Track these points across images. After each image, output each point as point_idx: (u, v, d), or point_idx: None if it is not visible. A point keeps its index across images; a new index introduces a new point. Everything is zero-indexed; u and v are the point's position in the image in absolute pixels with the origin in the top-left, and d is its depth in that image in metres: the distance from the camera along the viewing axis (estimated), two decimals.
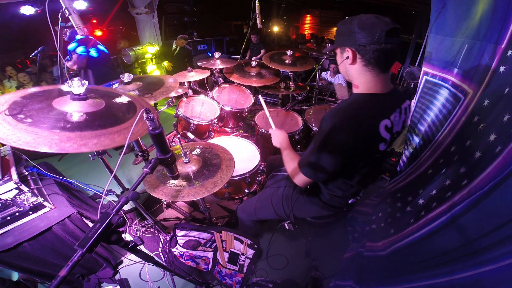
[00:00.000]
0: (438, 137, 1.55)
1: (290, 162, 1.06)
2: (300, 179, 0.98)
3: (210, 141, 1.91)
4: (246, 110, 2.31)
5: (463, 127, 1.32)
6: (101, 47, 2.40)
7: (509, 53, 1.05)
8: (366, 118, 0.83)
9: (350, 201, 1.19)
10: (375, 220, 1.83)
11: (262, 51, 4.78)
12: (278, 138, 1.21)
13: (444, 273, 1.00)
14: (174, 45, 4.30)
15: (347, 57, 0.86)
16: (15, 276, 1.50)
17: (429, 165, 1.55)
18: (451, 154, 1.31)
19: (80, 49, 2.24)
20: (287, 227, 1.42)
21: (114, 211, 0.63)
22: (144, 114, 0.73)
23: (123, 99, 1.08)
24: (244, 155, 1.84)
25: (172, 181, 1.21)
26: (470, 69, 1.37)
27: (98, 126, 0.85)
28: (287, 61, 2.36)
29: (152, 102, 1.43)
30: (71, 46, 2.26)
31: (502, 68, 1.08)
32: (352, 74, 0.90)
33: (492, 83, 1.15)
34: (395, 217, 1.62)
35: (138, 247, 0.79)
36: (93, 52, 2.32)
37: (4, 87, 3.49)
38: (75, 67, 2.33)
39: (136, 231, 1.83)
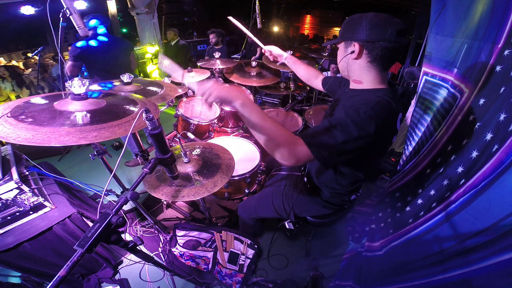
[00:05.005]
0: (435, 136, 1.55)
1: (275, 127, 0.77)
2: (300, 154, 0.74)
3: (210, 141, 1.91)
4: None
5: (459, 126, 1.32)
6: (102, 38, 2.36)
7: (506, 52, 1.05)
8: (391, 110, 0.81)
9: (352, 198, 1.20)
10: (375, 220, 1.83)
11: (259, 49, 4.77)
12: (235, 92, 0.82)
13: (437, 272, 1.01)
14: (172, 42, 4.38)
15: (352, 52, 0.84)
16: (16, 279, 1.50)
17: (426, 165, 1.55)
18: (448, 153, 1.31)
19: (80, 43, 2.21)
20: (287, 226, 1.42)
21: (113, 211, 0.63)
22: (144, 114, 0.73)
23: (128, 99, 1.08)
24: (244, 155, 1.84)
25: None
26: (468, 68, 1.37)
27: (98, 121, 0.85)
28: None
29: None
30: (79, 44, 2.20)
31: (498, 68, 1.08)
32: (354, 69, 0.89)
33: (489, 82, 1.15)
34: (394, 217, 1.62)
35: (138, 247, 0.79)
36: (92, 42, 2.29)
37: (0, 89, 3.50)
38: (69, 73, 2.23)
39: (136, 231, 1.83)
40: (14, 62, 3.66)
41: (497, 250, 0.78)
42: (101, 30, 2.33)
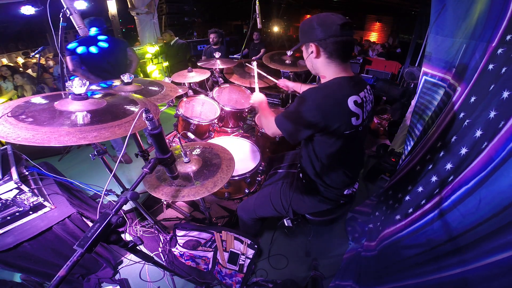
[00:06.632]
0: (428, 134, 1.56)
1: (268, 115, 1.18)
2: (272, 127, 1.05)
3: (210, 141, 1.91)
4: (246, 110, 2.31)
5: (449, 123, 1.32)
6: (102, 44, 2.37)
7: (499, 51, 1.05)
8: (334, 94, 0.92)
9: (345, 192, 1.21)
10: (372, 220, 1.83)
11: (262, 50, 4.77)
12: (260, 98, 1.31)
13: (431, 271, 1.01)
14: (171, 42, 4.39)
15: (312, 52, 0.96)
16: (17, 277, 1.50)
17: (416, 162, 1.56)
18: (437, 150, 1.31)
19: (80, 49, 2.23)
20: (286, 224, 1.42)
21: (113, 211, 0.63)
22: (144, 114, 0.73)
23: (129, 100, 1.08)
24: (244, 155, 1.84)
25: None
26: (464, 68, 1.38)
27: (98, 122, 0.85)
28: (287, 61, 2.36)
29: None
30: (71, 45, 2.21)
31: (491, 66, 1.08)
32: (318, 67, 1.00)
33: (481, 81, 1.15)
34: (386, 215, 1.63)
35: (137, 247, 0.79)
36: (93, 49, 2.31)
37: (1, 89, 3.48)
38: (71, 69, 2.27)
39: (136, 231, 1.83)
40: (20, 59, 3.63)
41: (490, 249, 0.78)
42: (101, 37, 2.35)
